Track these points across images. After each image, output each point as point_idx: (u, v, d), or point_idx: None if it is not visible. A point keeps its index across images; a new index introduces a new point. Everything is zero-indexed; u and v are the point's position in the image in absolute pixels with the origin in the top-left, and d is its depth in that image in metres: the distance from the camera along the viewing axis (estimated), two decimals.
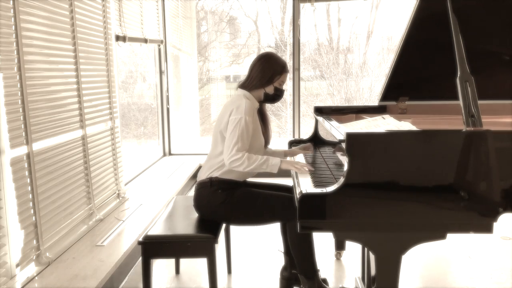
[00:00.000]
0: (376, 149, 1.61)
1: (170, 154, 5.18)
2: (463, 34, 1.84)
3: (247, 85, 2.22)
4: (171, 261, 2.73)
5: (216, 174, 2.17)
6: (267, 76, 2.19)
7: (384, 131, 1.77)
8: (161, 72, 4.90)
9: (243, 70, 7.63)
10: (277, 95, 2.24)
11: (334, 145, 2.19)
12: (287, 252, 2.32)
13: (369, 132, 1.77)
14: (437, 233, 1.64)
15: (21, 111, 2.12)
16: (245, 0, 7.42)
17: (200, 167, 4.64)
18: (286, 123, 7.38)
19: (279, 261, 2.58)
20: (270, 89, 2.22)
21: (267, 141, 2.32)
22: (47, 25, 2.38)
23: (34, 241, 2.21)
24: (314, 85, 7.58)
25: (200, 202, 2.21)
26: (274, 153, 2.45)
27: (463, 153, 1.59)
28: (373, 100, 7.02)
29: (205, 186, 2.18)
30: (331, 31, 7.42)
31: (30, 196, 2.18)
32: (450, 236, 1.65)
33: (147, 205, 3.21)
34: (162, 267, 2.75)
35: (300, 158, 2.43)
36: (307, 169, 2.03)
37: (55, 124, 2.43)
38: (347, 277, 2.60)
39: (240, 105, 2.11)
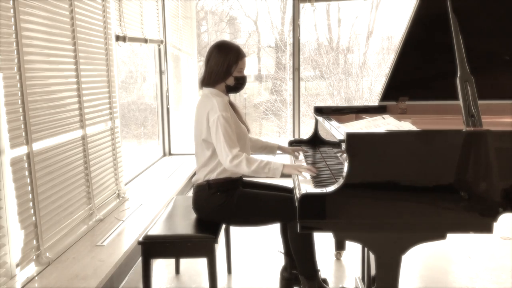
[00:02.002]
0: (376, 149, 1.61)
1: (170, 154, 5.18)
2: (463, 34, 1.84)
3: (207, 81, 2.16)
4: (171, 261, 2.73)
5: (212, 176, 2.15)
6: (223, 68, 2.11)
7: (384, 131, 1.77)
8: (161, 72, 4.90)
9: None
10: (239, 84, 2.17)
11: (334, 145, 2.18)
12: (287, 253, 2.32)
13: (369, 132, 1.78)
14: (437, 233, 1.64)
15: (21, 111, 2.12)
16: (245, 0, 7.42)
17: None
18: (286, 123, 7.38)
19: (279, 261, 2.58)
20: (230, 81, 2.15)
21: (247, 128, 2.28)
22: (47, 25, 2.38)
23: (34, 241, 2.21)
24: (314, 85, 7.58)
25: (199, 204, 2.21)
26: (267, 146, 2.46)
27: (463, 153, 1.59)
28: (373, 100, 7.02)
29: (203, 189, 2.17)
30: (331, 31, 7.43)
31: (30, 196, 2.18)
32: (450, 236, 1.65)
33: (147, 205, 3.21)
34: (162, 267, 2.75)
35: (302, 162, 2.42)
36: (310, 173, 1.97)
37: (55, 124, 2.43)
38: (347, 277, 2.60)
39: (212, 106, 2.07)
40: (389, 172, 1.60)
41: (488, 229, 1.60)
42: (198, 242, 2.06)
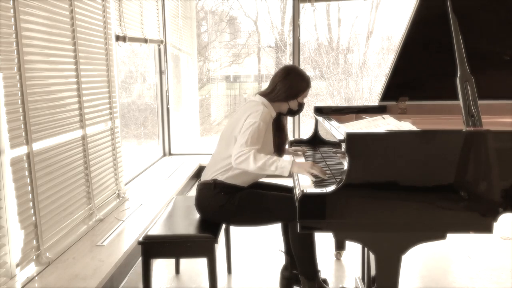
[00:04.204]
0: (376, 149, 1.61)
1: (170, 154, 5.18)
2: (463, 34, 1.84)
3: (272, 97, 2.21)
4: (171, 261, 2.73)
5: (221, 177, 2.15)
6: (293, 93, 2.20)
7: (384, 131, 1.77)
8: (161, 72, 4.90)
9: (243, 70, 7.64)
10: (299, 110, 2.29)
11: (334, 145, 2.18)
12: (288, 252, 2.32)
13: (369, 132, 1.78)
14: (437, 233, 1.64)
15: (21, 111, 2.12)
16: (245, 0, 7.42)
17: (200, 167, 4.65)
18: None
19: (280, 261, 2.58)
20: (294, 104, 2.24)
21: (280, 149, 2.27)
22: (47, 25, 2.38)
23: (34, 241, 2.21)
24: (314, 85, 7.57)
25: (201, 203, 2.20)
26: None
27: (463, 153, 1.59)
28: (373, 100, 7.02)
29: (208, 188, 2.17)
30: (331, 31, 7.42)
31: (30, 196, 2.18)
32: (450, 236, 1.65)
33: (147, 205, 3.21)
34: (162, 267, 2.75)
35: (300, 158, 2.42)
36: (321, 175, 1.87)
37: (55, 124, 2.43)
38: (347, 277, 2.60)
39: (258, 111, 2.10)
40: (389, 172, 1.59)
41: (488, 229, 1.60)
42: (198, 242, 2.06)
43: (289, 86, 2.20)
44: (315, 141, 2.68)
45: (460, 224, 1.62)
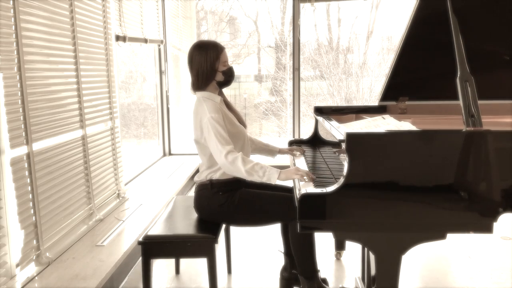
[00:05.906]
0: (376, 149, 1.61)
1: (170, 154, 5.18)
2: (463, 34, 1.84)
3: (198, 85, 2.16)
4: (171, 261, 2.73)
5: (215, 176, 2.16)
6: (207, 68, 2.11)
7: (384, 131, 1.77)
8: (161, 72, 4.90)
9: (243, 70, 7.64)
10: (229, 77, 2.18)
11: (334, 145, 2.18)
12: (287, 253, 2.32)
13: (369, 132, 1.78)
14: (437, 233, 1.64)
15: (21, 111, 2.12)
16: (245, 0, 7.42)
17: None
18: (286, 123, 7.38)
19: (279, 261, 2.58)
20: (219, 77, 2.15)
21: (244, 126, 2.28)
22: (47, 25, 2.38)
23: (34, 241, 2.21)
24: (314, 85, 7.58)
25: (200, 204, 2.21)
26: (268, 148, 2.47)
27: (463, 153, 1.59)
28: (373, 100, 7.02)
29: (205, 188, 2.17)
30: (331, 31, 7.43)
31: (30, 196, 2.18)
32: (450, 236, 1.65)
33: (147, 205, 3.21)
34: (162, 267, 2.75)
35: (302, 161, 2.42)
36: (308, 178, 1.88)
37: (55, 124, 2.43)
38: (347, 277, 2.60)
39: (203, 110, 2.09)
40: (389, 172, 1.59)
41: (488, 229, 1.60)
42: (198, 242, 2.06)
43: (198, 64, 2.12)
44: (315, 141, 2.68)
45: (460, 224, 1.62)
